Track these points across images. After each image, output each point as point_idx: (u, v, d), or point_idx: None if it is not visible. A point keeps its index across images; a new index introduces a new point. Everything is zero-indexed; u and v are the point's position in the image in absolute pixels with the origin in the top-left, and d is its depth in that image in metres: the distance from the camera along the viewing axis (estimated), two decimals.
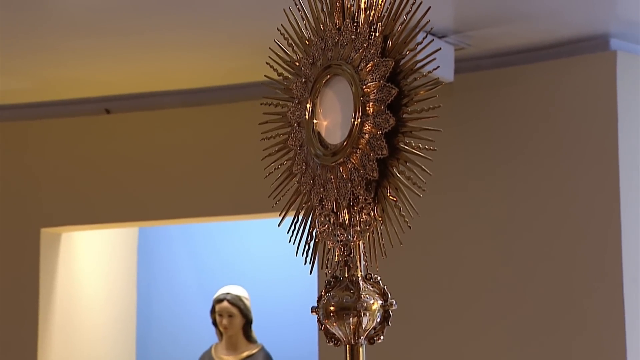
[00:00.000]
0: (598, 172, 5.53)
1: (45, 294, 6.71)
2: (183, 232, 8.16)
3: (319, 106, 2.45)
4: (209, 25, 5.32)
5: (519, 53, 5.72)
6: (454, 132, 5.74)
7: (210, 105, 6.48)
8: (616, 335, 5.38)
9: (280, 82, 2.57)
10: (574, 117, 5.62)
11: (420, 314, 5.78)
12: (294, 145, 2.52)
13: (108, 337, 7.26)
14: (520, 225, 5.69)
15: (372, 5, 2.40)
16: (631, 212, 5.49)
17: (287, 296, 7.66)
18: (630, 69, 5.56)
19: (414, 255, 5.63)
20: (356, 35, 2.39)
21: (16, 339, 6.67)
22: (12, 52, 5.76)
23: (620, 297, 5.40)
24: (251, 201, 6.15)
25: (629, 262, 5.45)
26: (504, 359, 5.67)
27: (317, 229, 2.45)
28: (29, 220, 6.75)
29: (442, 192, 5.66)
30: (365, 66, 2.36)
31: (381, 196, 2.34)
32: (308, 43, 2.51)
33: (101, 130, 6.74)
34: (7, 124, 6.83)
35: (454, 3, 5.01)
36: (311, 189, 2.46)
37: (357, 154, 2.35)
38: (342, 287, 2.38)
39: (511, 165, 5.75)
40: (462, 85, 5.65)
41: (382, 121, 2.32)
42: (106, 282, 7.30)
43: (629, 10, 5.18)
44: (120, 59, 5.90)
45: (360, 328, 2.36)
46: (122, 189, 6.67)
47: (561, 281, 5.57)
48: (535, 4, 5.08)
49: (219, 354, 6.73)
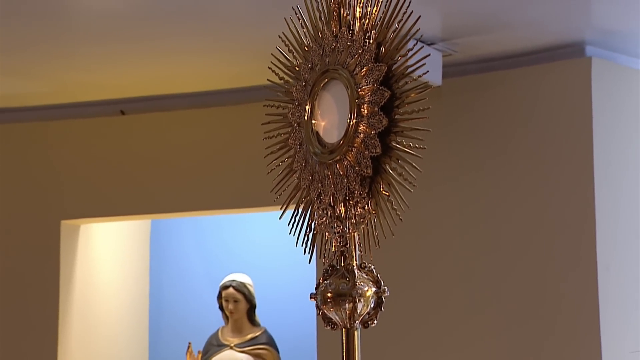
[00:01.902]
0: (574, 169, 5.52)
1: (65, 280, 6.70)
2: (192, 224, 8.15)
3: (318, 108, 2.45)
4: (215, 33, 5.31)
5: (502, 59, 5.71)
6: (441, 132, 5.73)
7: (217, 107, 6.48)
8: (590, 320, 5.36)
9: (282, 85, 2.57)
10: (552, 118, 5.61)
11: (408, 300, 5.77)
12: (294, 144, 2.52)
13: (123, 320, 7.25)
14: (501, 218, 5.68)
15: (366, 14, 2.39)
16: (605, 207, 5.48)
17: (287, 283, 7.65)
18: (604, 74, 5.55)
19: (402, 245, 5.61)
20: (352, 42, 2.39)
21: (39, 322, 6.66)
22: (36, 58, 5.75)
23: (594, 284, 5.39)
24: (255, 195, 6.14)
25: (602, 252, 5.44)
26: (486, 343, 5.66)
27: (316, 221, 2.44)
28: (50, 212, 6.74)
29: (429, 187, 5.65)
30: (360, 71, 2.35)
31: (375, 191, 2.33)
32: (307, 49, 2.51)
33: (117, 130, 6.73)
34: (30, 124, 6.82)
35: (442, 13, 4.99)
36: (310, 184, 2.46)
37: (353, 152, 2.34)
38: (338, 275, 2.38)
39: (493, 163, 5.74)
40: (450, 89, 5.64)
41: (376, 122, 2.31)
42: (121, 270, 7.29)
43: (603, 19, 5.17)
44: (134, 64, 5.89)
45: (355, 313, 2.36)
46: (136, 184, 6.66)
47: (539, 270, 5.56)
48: (517, 14, 5.07)
49: (225, 337, 6.72)
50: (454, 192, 5.81)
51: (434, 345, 5.79)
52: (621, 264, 5.54)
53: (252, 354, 6.61)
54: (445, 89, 5.54)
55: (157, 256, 7.90)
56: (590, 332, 5.36)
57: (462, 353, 5.71)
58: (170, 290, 8.08)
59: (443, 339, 5.77)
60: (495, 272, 5.67)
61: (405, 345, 5.82)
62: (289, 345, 6.98)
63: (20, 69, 5.96)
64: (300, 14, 2.52)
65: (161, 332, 7.88)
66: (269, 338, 6.67)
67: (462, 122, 5.82)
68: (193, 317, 7.83)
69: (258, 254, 7.87)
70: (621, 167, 5.63)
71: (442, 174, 5.77)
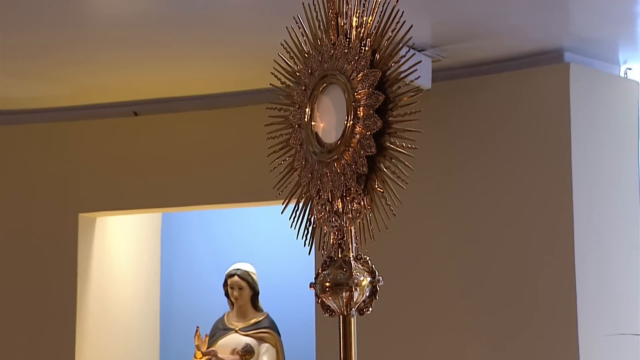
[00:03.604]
0: (553, 166, 5.51)
1: (82, 269, 6.70)
2: (200, 217, 8.14)
3: (317, 110, 2.44)
4: (222, 40, 5.30)
5: (487, 64, 5.71)
6: (429, 132, 5.71)
7: (223, 109, 6.46)
8: (568, 306, 5.36)
9: (284, 89, 2.56)
10: (533, 119, 5.60)
11: (398, 288, 5.76)
12: (295, 144, 2.51)
13: (136, 306, 7.24)
14: (485, 210, 5.67)
15: (362, 23, 2.39)
16: (582, 202, 5.47)
17: (288, 272, 7.64)
18: (581, 78, 5.54)
19: (393, 237, 5.60)
20: (348, 49, 2.38)
21: (58, 307, 6.66)
22: (56, 63, 5.74)
23: (572, 273, 5.38)
24: (258, 190, 6.13)
25: (579, 243, 5.43)
26: (468, 328, 5.65)
27: (315, 215, 2.44)
28: (69, 206, 6.73)
29: (418, 183, 5.64)
30: (356, 76, 2.34)
31: (370, 188, 2.33)
32: (307, 56, 2.50)
33: (130, 130, 6.72)
34: (51, 125, 6.81)
35: (431, 22, 4.99)
36: (310, 181, 2.45)
37: (350, 152, 2.34)
38: (336, 266, 2.37)
39: (478, 161, 5.73)
40: (438, 92, 5.63)
41: (371, 123, 2.31)
42: (134, 259, 7.28)
43: (580, 27, 5.16)
44: (146, 69, 5.88)
45: (351, 301, 2.35)
46: (148, 180, 6.65)
47: (520, 259, 5.55)
48: (500, 23, 5.06)
49: (231, 321, 6.71)
50: (439, 188, 5.80)
51: (423, 328, 5.78)
52: (597, 255, 5.54)
53: (256, 337, 6.60)
54: (435, 92, 5.53)
55: (167, 247, 7.89)
56: (568, 317, 5.36)
57: (447, 336, 5.70)
58: (180, 278, 8.07)
59: (430, 323, 5.76)
60: (478, 261, 5.65)
61: (396, 329, 5.81)
62: (290, 329, 6.97)
63: (42, 73, 5.95)
64: (301, 23, 2.51)
65: (171, 317, 7.87)
66: (271, 322, 6.67)
67: (449, 123, 5.81)
68: (201, 303, 7.82)
69: (261, 245, 7.85)
70: (597, 165, 5.62)
71: (429, 170, 5.76)
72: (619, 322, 5.52)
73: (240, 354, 6.51)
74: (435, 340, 5.74)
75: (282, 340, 6.64)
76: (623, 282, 5.67)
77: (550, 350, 5.39)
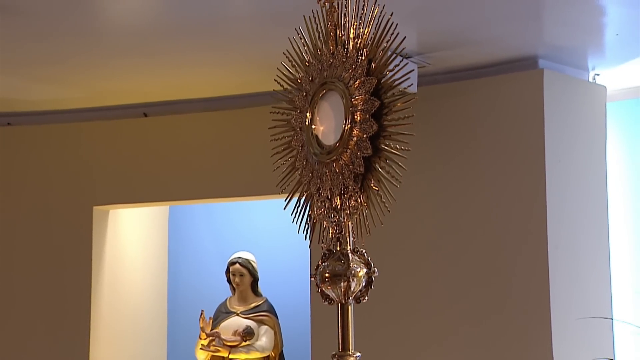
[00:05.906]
0: (528, 163, 5.51)
1: (96, 258, 6.68)
2: (205, 210, 8.12)
3: (317, 115, 2.44)
4: (225, 48, 5.28)
5: (467, 70, 5.69)
6: (415, 132, 5.69)
7: (227, 110, 6.45)
8: (541, 291, 5.35)
9: (286, 95, 2.55)
10: (510, 120, 5.59)
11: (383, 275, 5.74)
12: (296, 146, 2.51)
13: (145, 292, 7.23)
14: (464, 204, 5.66)
15: (359, 35, 2.39)
16: (555, 195, 5.46)
17: (286, 260, 7.64)
18: (554, 83, 5.54)
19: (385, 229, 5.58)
20: (346, 58, 2.38)
21: (73, 294, 6.64)
22: (72, 69, 5.71)
23: (545, 260, 5.37)
24: (258, 185, 6.12)
25: (552, 232, 5.42)
26: (448, 310, 5.64)
27: (315, 211, 2.44)
28: (84, 200, 6.71)
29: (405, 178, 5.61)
30: (353, 83, 2.34)
31: (366, 186, 2.34)
32: (308, 64, 2.50)
33: (140, 130, 6.70)
34: (66, 125, 6.79)
35: (418, 31, 4.97)
36: (310, 180, 2.45)
37: (347, 153, 2.34)
38: (335, 258, 2.38)
39: (459, 159, 5.72)
40: (423, 96, 5.60)
41: (367, 127, 2.31)
42: (144, 248, 7.27)
43: (553, 37, 5.16)
44: (155, 74, 5.85)
45: (349, 291, 2.36)
46: (156, 175, 6.63)
47: (496, 247, 5.54)
48: (481, 33, 5.05)
49: (232, 305, 6.71)
50: (423, 183, 5.79)
51: (407, 311, 5.77)
52: (568, 244, 5.53)
53: (255, 319, 6.60)
54: (420, 95, 5.49)
55: (174, 237, 7.88)
56: (541, 301, 5.35)
57: (429, 318, 5.69)
58: (186, 265, 8.06)
59: (413, 305, 5.76)
60: (458, 250, 5.65)
61: (382, 312, 5.80)
62: (287, 312, 6.96)
63: (59, 78, 5.93)
64: (302, 34, 2.50)
65: (178, 301, 7.86)
66: (270, 306, 6.66)
67: (433, 124, 5.79)
68: (205, 288, 7.81)
69: (261, 235, 7.84)
70: (569, 162, 5.61)
71: (412, 167, 5.73)
72: (589, 306, 5.52)
73: (241, 335, 6.50)
74: (418, 323, 5.73)
75: (279, 323, 6.63)
76: (592, 269, 5.67)
77: (524, 331, 5.39)
